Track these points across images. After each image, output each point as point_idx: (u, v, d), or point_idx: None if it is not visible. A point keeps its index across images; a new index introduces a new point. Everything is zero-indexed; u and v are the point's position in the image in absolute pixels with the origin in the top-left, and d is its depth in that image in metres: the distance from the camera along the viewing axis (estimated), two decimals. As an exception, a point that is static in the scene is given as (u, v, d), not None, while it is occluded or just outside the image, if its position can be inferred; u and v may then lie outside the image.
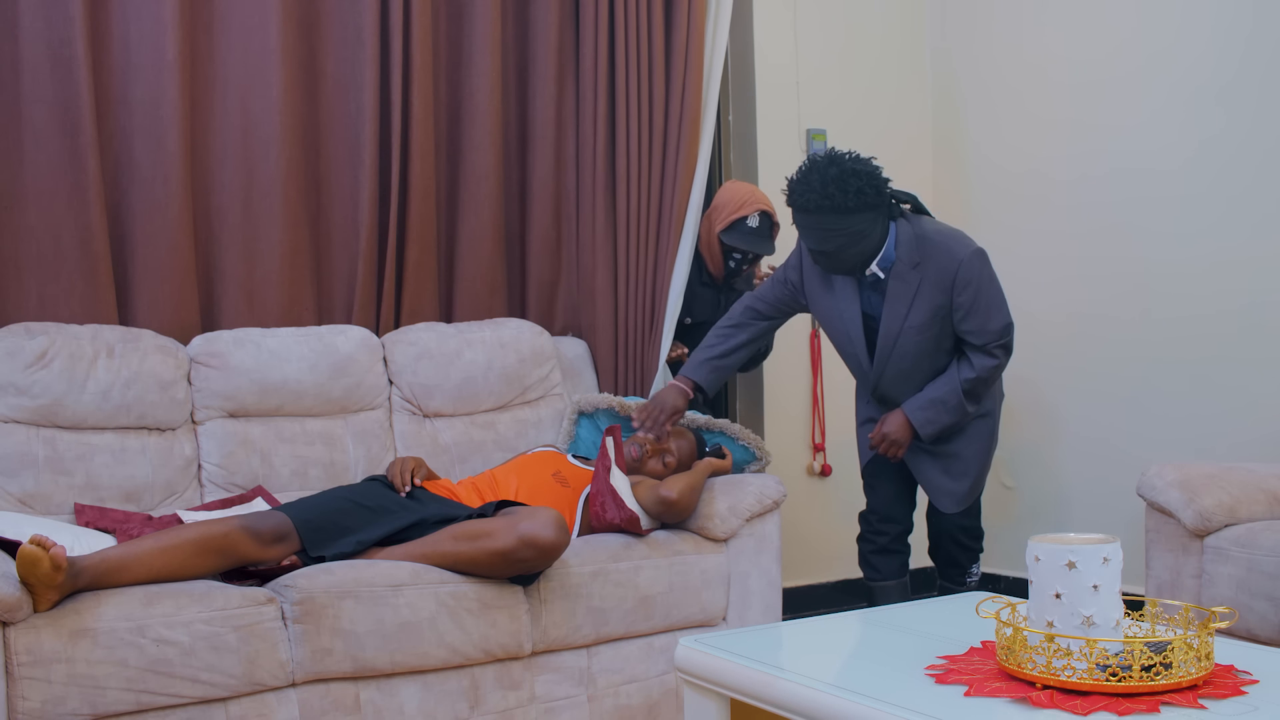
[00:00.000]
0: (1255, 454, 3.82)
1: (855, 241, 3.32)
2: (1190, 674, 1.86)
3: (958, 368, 3.46)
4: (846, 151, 3.36)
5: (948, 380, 3.46)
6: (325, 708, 2.75)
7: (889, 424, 3.52)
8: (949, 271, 3.36)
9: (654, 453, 3.56)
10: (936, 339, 3.44)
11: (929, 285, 3.38)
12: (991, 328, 3.40)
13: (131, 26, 3.50)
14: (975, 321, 3.39)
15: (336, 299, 3.85)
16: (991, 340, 3.41)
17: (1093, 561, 1.92)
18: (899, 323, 3.43)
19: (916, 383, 3.51)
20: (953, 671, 2.03)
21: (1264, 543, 2.92)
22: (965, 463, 3.56)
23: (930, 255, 3.38)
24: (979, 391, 3.47)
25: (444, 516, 3.09)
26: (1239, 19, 3.95)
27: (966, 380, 3.43)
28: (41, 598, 2.46)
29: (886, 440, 3.52)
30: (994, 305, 3.40)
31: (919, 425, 3.47)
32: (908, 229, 3.40)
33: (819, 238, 3.33)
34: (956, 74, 4.96)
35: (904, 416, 3.49)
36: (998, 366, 3.45)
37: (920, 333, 3.42)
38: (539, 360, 3.90)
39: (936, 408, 3.46)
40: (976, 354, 3.43)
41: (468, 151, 4.01)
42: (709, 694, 2.28)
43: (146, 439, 3.32)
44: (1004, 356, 3.45)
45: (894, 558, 3.73)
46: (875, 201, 3.29)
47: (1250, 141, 3.92)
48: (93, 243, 3.43)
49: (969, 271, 3.35)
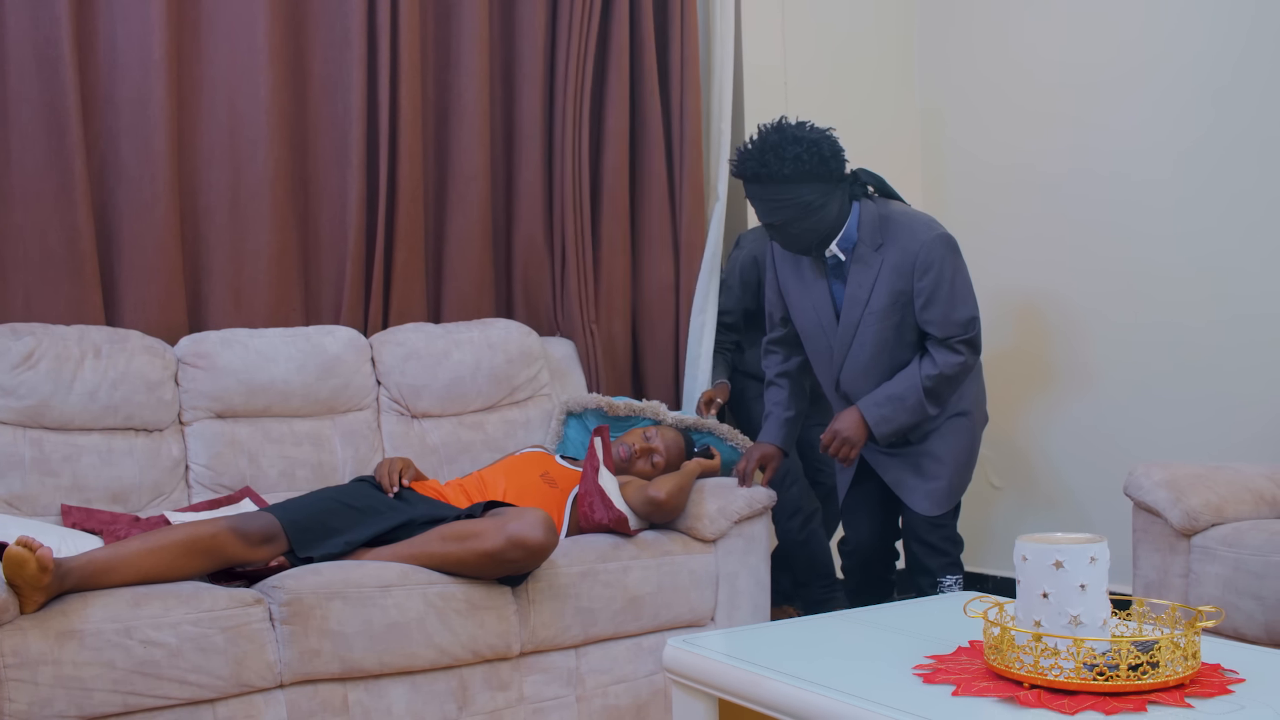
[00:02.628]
0: (1242, 454, 3.83)
1: (804, 214, 3.16)
2: (1177, 673, 1.87)
3: (919, 364, 3.24)
4: (799, 120, 3.21)
5: (907, 376, 3.24)
6: (313, 709, 2.74)
7: (841, 421, 3.28)
8: (910, 254, 3.18)
9: (642, 453, 3.56)
10: (898, 329, 3.25)
11: (889, 268, 3.21)
12: (955, 319, 3.20)
13: (118, 26, 3.49)
14: (937, 310, 3.19)
15: (324, 299, 3.85)
16: (955, 333, 3.20)
17: (1080, 561, 1.92)
18: (859, 308, 3.25)
19: (876, 378, 3.30)
20: (940, 671, 2.03)
21: (1250, 542, 2.93)
22: (940, 462, 3.33)
23: (893, 236, 3.21)
24: (942, 391, 3.25)
25: (432, 517, 3.09)
26: (1235, 20, 3.96)
27: (928, 377, 3.21)
28: (28, 599, 2.45)
29: (838, 439, 3.28)
30: (958, 295, 3.20)
31: (873, 423, 3.24)
32: (872, 209, 3.25)
33: (764, 209, 3.19)
34: (945, 74, 4.97)
35: (858, 414, 3.26)
36: (963, 364, 3.22)
37: (880, 319, 3.24)
38: (527, 361, 3.90)
39: (894, 405, 3.23)
40: (939, 349, 3.22)
41: (455, 152, 4.01)
42: (697, 694, 2.28)
43: (134, 440, 3.31)
44: (969, 353, 3.23)
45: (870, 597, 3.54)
46: (818, 171, 3.13)
47: (1244, 143, 3.92)
48: (79, 243, 3.42)
49: (931, 254, 3.17)
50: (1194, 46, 4.05)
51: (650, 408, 3.77)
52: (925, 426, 3.32)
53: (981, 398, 3.48)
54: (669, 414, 3.75)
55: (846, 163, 3.23)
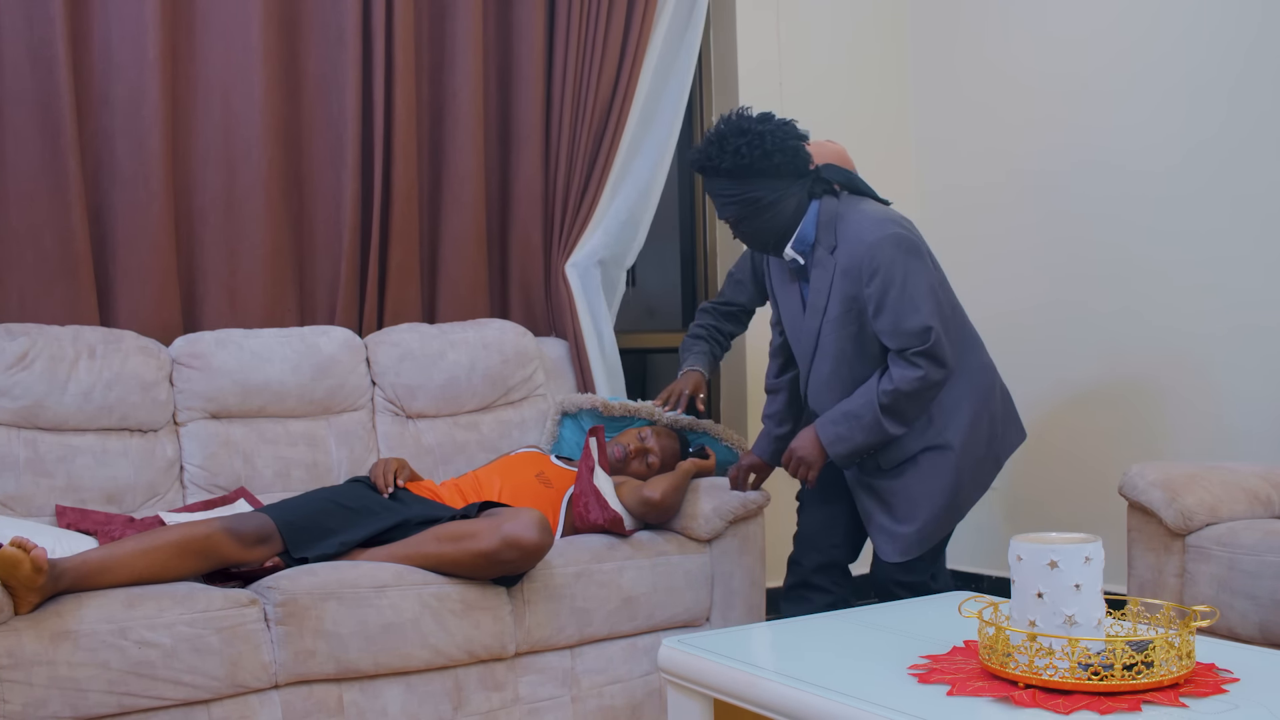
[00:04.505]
0: (1237, 454, 3.84)
1: (753, 211, 2.95)
2: (1172, 673, 1.87)
3: (877, 379, 2.95)
4: (763, 113, 2.98)
5: (865, 392, 2.96)
6: (308, 709, 2.74)
7: (797, 440, 3.07)
8: (857, 256, 2.91)
9: (637, 454, 3.56)
10: (856, 339, 2.99)
11: (841, 273, 2.95)
12: (906, 328, 2.88)
13: (113, 26, 3.49)
14: (887, 319, 2.90)
15: (319, 300, 3.85)
16: (909, 344, 2.88)
17: (1074, 561, 1.92)
18: (819, 316, 3.02)
19: (838, 392, 3.04)
20: (935, 671, 2.03)
21: (1245, 541, 2.94)
22: (913, 503, 3.03)
23: (844, 237, 2.95)
24: (903, 409, 2.92)
25: (427, 518, 3.09)
26: (1241, 22, 3.96)
27: (884, 393, 2.90)
28: (22, 600, 2.45)
29: (794, 458, 3.06)
30: (910, 301, 2.88)
31: (827, 442, 2.98)
32: (831, 207, 3.00)
33: (717, 205, 3.00)
34: (939, 74, 4.97)
35: (814, 432, 3.02)
36: (923, 379, 2.88)
37: (837, 329, 2.99)
38: (522, 361, 3.90)
39: (849, 422, 2.96)
40: (896, 362, 2.91)
41: (450, 152, 4.00)
42: (692, 694, 2.28)
43: (128, 440, 3.31)
44: (930, 367, 2.88)
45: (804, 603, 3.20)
46: (761, 166, 2.90)
47: (1245, 142, 3.93)
48: (74, 243, 3.42)
49: (878, 257, 2.88)
50: (1193, 50, 4.05)
51: (645, 408, 3.77)
52: (897, 454, 3.04)
53: (979, 429, 3.09)
54: (664, 414, 3.74)
55: (807, 158, 3.01)
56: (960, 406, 3.06)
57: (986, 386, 3.12)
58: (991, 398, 3.13)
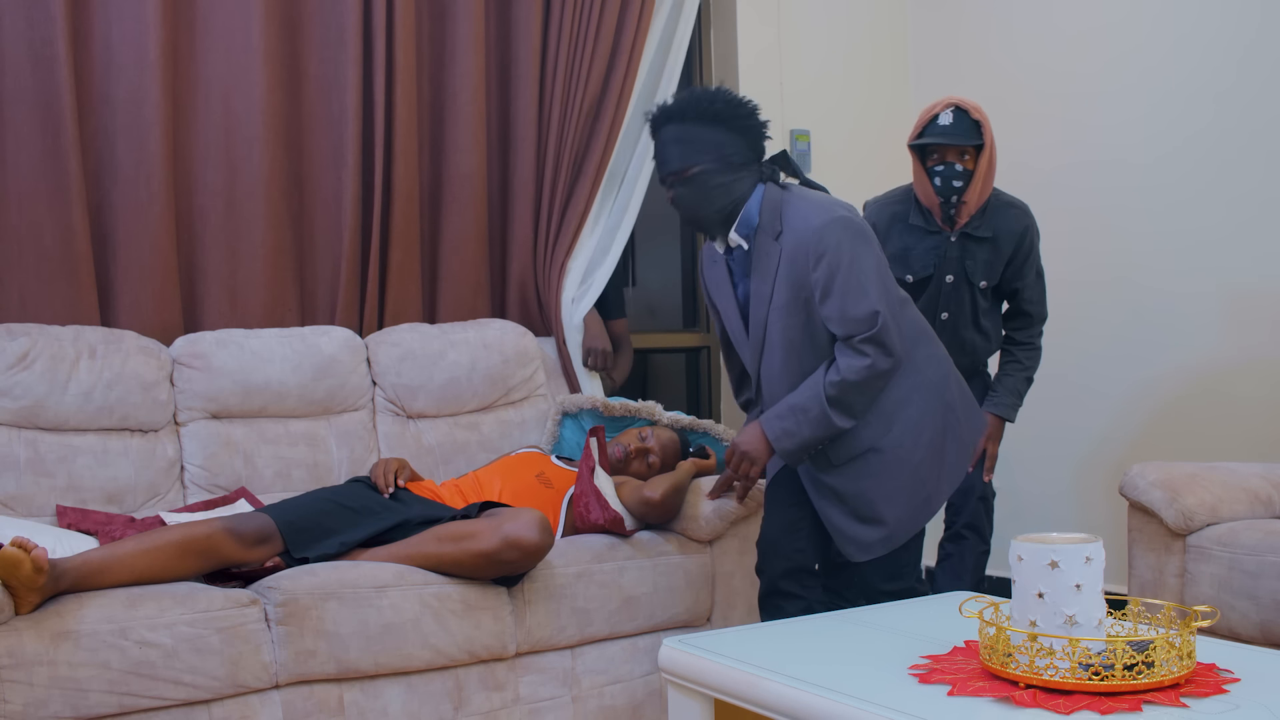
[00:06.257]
0: (1237, 454, 3.84)
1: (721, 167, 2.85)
2: (1172, 673, 1.87)
3: (823, 370, 2.85)
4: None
5: (811, 385, 2.85)
6: (309, 709, 2.74)
7: (742, 435, 2.98)
8: (804, 241, 2.82)
9: (637, 454, 3.56)
10: (805, 328, 2.88)
11: (787, 259, 2.85)
12: (854, 314, 2.78)
13: (113, 26, 3.49)
14: (834, 305, 2.80)
15: (320, 300, 3.85)
16: (856, 330, 2.79)
17: (1075, 561, 1.92)
18: (765, 305, 2.91)
19: (790, 386, 2.92)
20: (936, 671, 2.03)
21: (1245, 541, 2.94)
22: (870, 504, 2.91)
23: (789, 222, 2.86)
24: (850, 400, 2.82)
25: (428, 518, 3.09)
26: (1242, 19, 3.96)
27: (830, 384, 2.80)
28: (23, 600, 2.45)
29: (737, 454, 2.98)
30: (857, 286, 2.79)
31: (773, 437, 2.87)
32: (775, 194, 2.91)
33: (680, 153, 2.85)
34: (940, 72, 4.97)
35: (759, 427, 2.92)
36: (870, 368, 2.79)
37: (784, 317, 2.88)
38: (523, 361, 3.90)
39: (796, 416, 2.84)
40: (842, 351, 2.82)
41: (451, 152, 4.00)
42: (693, 694, 2.28)
43: (129, 440, 3.31)
44: (877, 355, 2.79)
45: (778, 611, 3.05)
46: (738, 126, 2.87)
47: (1245, 142, 3.93)
48: (74, 243, 3.42)
49: (825, 240, 2.79)
50: (1195, 48, 4.05)
51: (646, 408, 3.77)
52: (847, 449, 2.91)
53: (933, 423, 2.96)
54: (664, 414, 3.74)
55: (768, 139, 2.97)
56: (911, 400, 2.94)
57: (939, 378, 2.99)
58: (945, 388, 3.00)
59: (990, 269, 3.56)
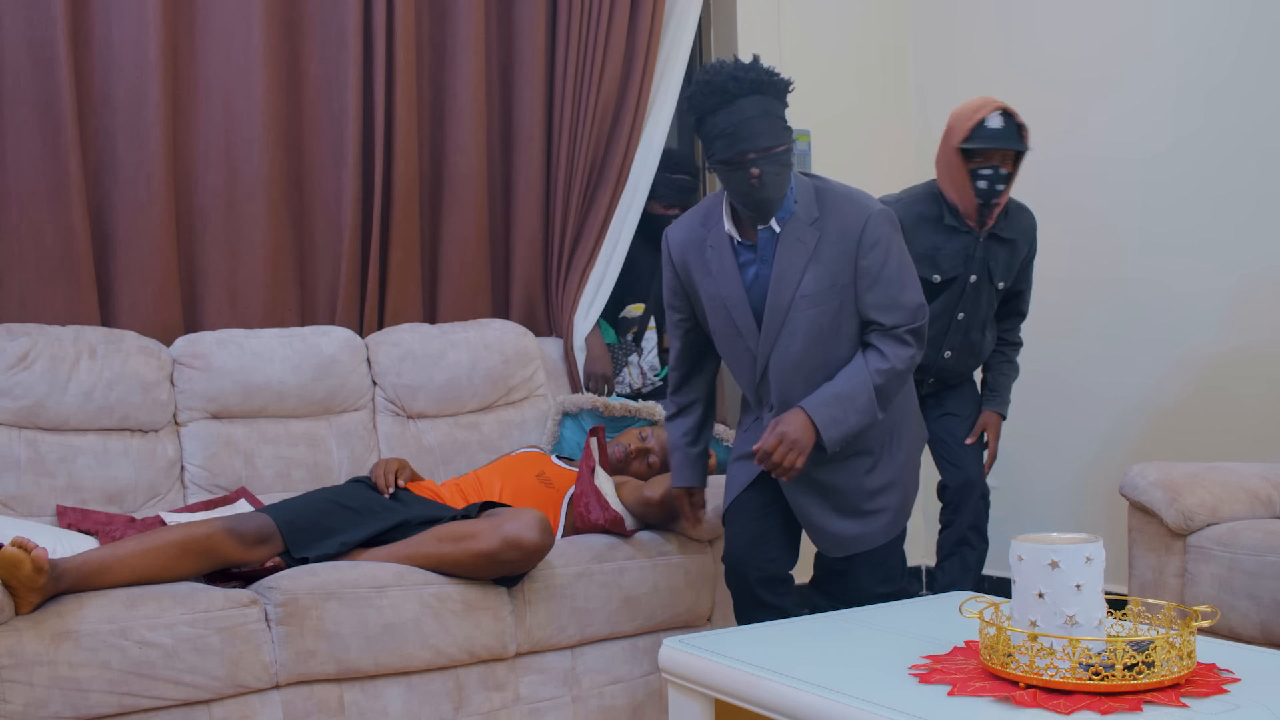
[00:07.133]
0: (1237, 453, 3.83)
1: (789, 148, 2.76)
2: (1172, 673, 1.87)
3: (865, 359, 2.79)
4: None
5: (854, 373, 2.78)
6: (309, 709, 2.74)
7: (787, 423, 2.75)
8: (854, 227, 2.78)
9: (638, 454, 3.56)
10: (835, 317, 2.81)
11: (829, 245, 2.79)
12: (905, 303, 2.79)
13: (114, 26, 3.49)
14: (884, 293, 2.78)
15: (320, 300, 3.85)
16: (903, 321, 2.78)
17: (1075, 561, 1.92)
18: (790, 291, 2.80)
19: (806, 376, 2.83)
20: (936, 671, 2.03)
21: (1246, 541, 2.94)
22: (845, 498, 2.89)
23: (832, 209, 2.81)
24: (892, 391, 2.81)
25: (428, 518, 3.09)
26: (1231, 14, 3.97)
27: (878, 372, 2.76)
28: (23, 600, 2.45)
29: (785, 442, 2.73)
30: (907, 275, 2.81)
31: (822, 425, 2.73)
32: (807, 181, 2.86)
33: (762, 129, 2.71)
34: (940, 73, 4.97)
35: (804, 415, 2.75)
36: (913, 358, 2.81)
37: (815, 304, 2.79)
38: (523, 361, 3.90)
39: (842, 404, 2.75)
40: (887, 340, 2.79)
41: (451, 152, 4.00)
42: (693, 694, 2.28)
43: (129, 440, 3.31)
44: (917, 346, 2.82)
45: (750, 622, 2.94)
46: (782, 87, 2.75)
47: (1244, 141, 3.92)
48: (75, 243, 3.42)
49: (879, 229, 2.78)
50: (1188, 40, 4.05)
51: (646, 408, 3.77)
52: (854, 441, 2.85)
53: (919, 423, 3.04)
54: (665, 415, 3.74)
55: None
56: (908, 397, 2.99)
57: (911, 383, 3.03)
58: (914, 393, 3.05)
59: (1008, 270, 3.62)
